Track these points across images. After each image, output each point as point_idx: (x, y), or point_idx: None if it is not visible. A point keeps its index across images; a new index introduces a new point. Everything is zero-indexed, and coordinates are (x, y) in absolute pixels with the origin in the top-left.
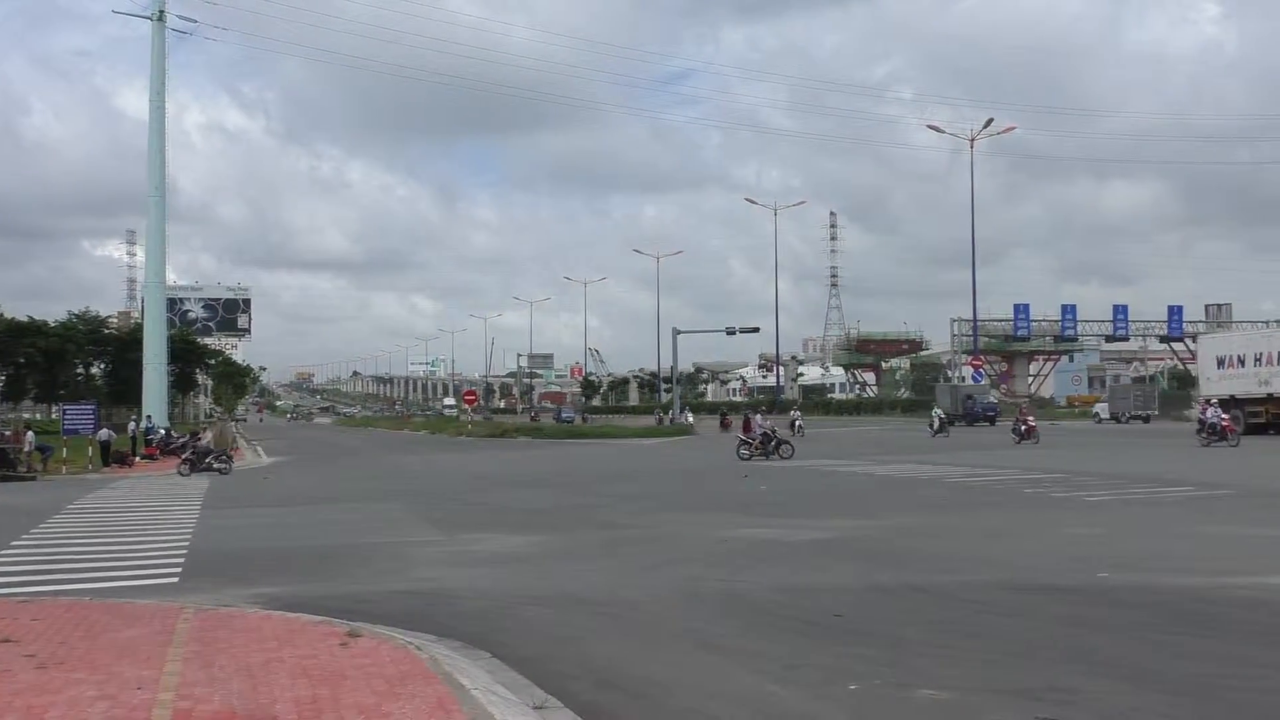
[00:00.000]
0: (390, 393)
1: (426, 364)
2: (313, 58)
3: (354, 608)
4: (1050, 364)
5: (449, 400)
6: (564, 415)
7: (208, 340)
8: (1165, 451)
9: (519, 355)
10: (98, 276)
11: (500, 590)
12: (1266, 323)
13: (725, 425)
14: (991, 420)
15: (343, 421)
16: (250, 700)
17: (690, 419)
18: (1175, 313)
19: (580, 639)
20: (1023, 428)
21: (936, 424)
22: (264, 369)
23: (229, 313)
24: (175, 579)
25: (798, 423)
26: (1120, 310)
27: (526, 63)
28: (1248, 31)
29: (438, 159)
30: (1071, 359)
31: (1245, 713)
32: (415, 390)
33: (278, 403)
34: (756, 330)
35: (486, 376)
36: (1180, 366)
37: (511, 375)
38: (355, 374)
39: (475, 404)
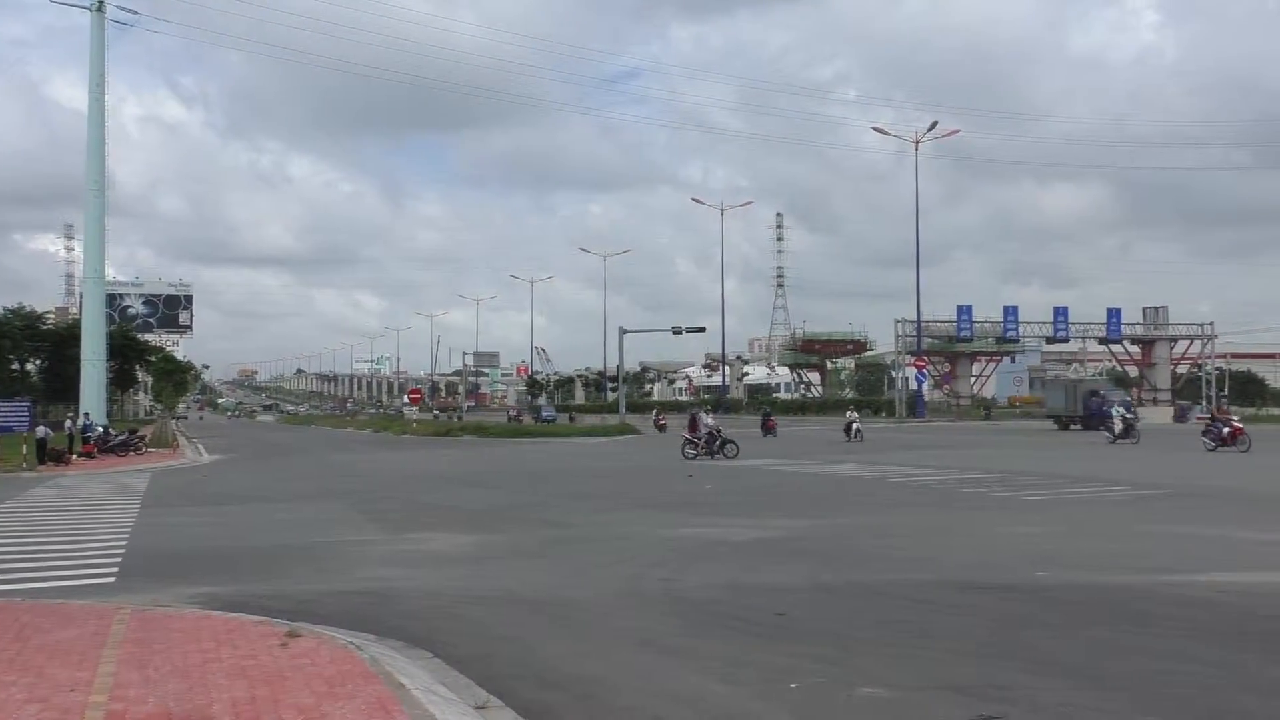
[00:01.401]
0: (335, 390)
1: (372, 362)
2: (255, 51)
3: (295, 608)
4: (993, 365)
5: (406, 400)
6: (545, 414)
7: (148, 337)
8: (1098, 451)
9: (464, 353)
10: (32, 271)
11: (443, 589)
12: None
13: (660, 427)
14: None
15: (286, 419)
16: (186, 701)
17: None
18: (1114, 315)
19: (523, 638)
20: (1225, 430)
21: (1120, 426)
22: (206, 367)
23: (170, 309)
24: (112, 579)
25: (855, 425)
26: (1061, 312)
27: (474, 59)
28: (1185, 38)
29: (383, 155)
30: (1013, 360)
31: (1176, 707)
32: (360, 388)
33: (220, 400)
34: (703, 330)
35: (432, 375)
36: (1119, 368)
37: (457, 374)
38: (300, 371)
39: (451, 405)
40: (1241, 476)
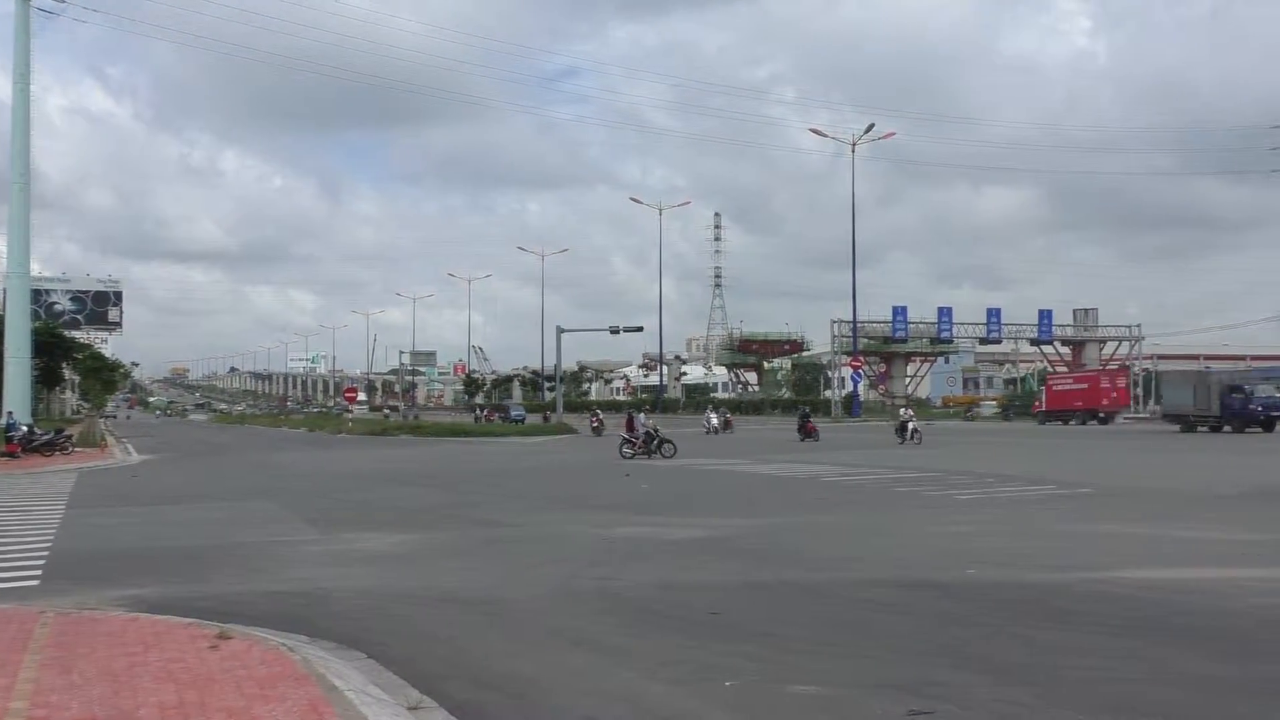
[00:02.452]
0: (270, 389)
1: (307, 360)
2: (185, 43)
3: (225, 609)
4: (927, 365)
5: (360, 396)
6: (514, 414)
7: (75, 334)
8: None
9: (401, 352)
10: None
11: (378, 590)
12: None
13: (596, 429)
14: (1271, 424)
15: (219, 418)
16: (111, 706)
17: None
18: (1045, 317)
19: (458, 638)
20: None
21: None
22: (136, 364)
23: (99, 305)
24: (35, 582)
25: (911, 425)
26: (994, 313)
27: (410, 55)
28: (1116, 43)
29: (317, 150)
30: (947, 360)
31: (1098, 701)
32: (295, 386)
33: (150, 399)
34: (640, 329)
35: (369, 373)
36: (1050, 369)
37: (393, 372)
38: (233, 370)
39: (408, 402)
40: (1157, 473)
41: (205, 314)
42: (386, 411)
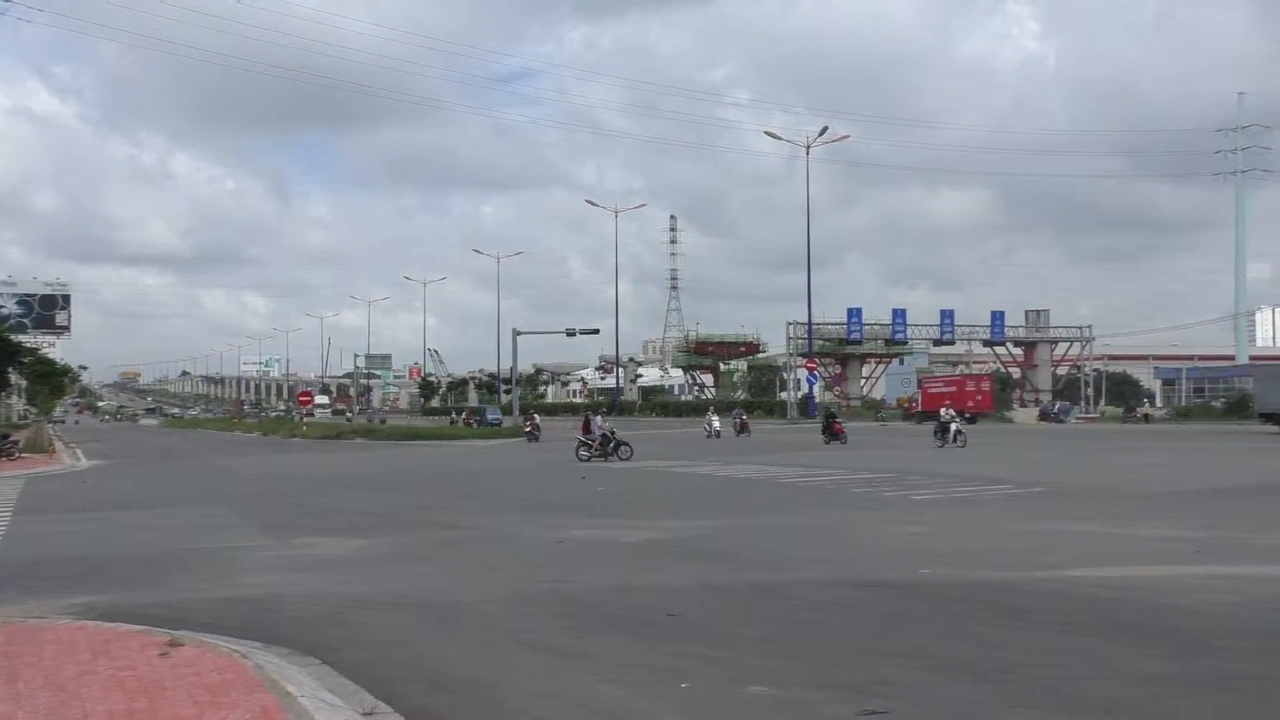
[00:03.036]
0: (223, 393)
1: (260, 363)
2: (134, 43)
3: (177, 616)
4: (882, 366)
5: (321, 399)
6: (490, 417)
7: (22, 338)
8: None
9: (356, 355)
10: None
11: (332, 595)
12: None
13: (529, 434)
14: None
15: (170, 423)
16: (59, 715)
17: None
18: (998, 318)
19: (413, 642)
20: None
21: None
22: (85, 368)
23: (46, 309)
24: None
25: (955, 426)
26: (947, 315)
27: (362, 56)
28: (1065, 47)
29: (269, 152)
30: (902, 362)
31: (1049, 698)
32: (249, 390)
33: (100, 403)
34: (596, 332)
35: (323, 377)
36: (1003, 370)
37: (348, 376)
38: (185, 373)
39: (377, 406)
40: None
41: (156, 318)
42: (350, 415)
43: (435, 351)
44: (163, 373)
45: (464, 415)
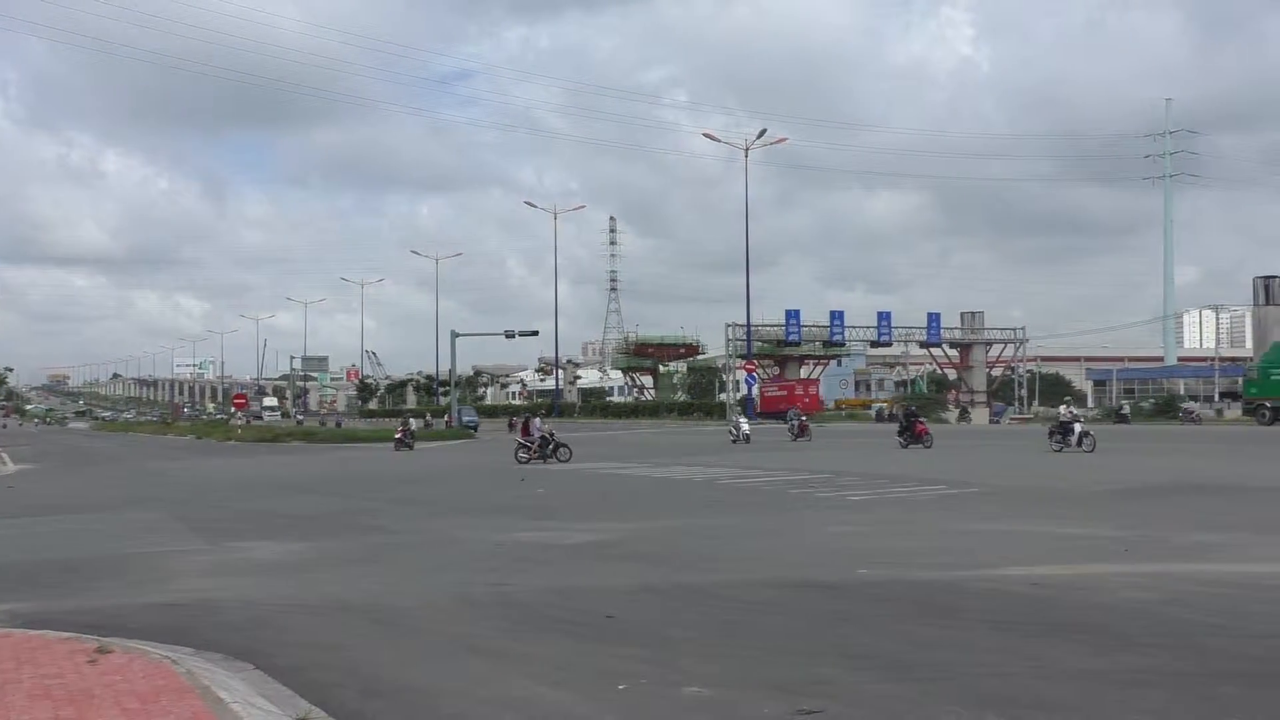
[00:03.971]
0: (155, 395)
1: (194, 366)
2: (60, 40)
3: (107, 622)
4: (820, 368)
5: (269, 400)
6: (466, 420)
7: None
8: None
9: (292, 357)
10: None
11: (267, 599)
12: None
13: (401, 442)
14: None
15: (101, 426)
16: None
17: None
18: (934, 320)
19: (348, 647)
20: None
21: None
22: (10, 370)
23: None
24: None
25: (1079, 427)
26: (884, 316)
27: (295, 55)
28: (999, 52)
29: (203, 152)
30: (840, 363)
31: (981, 696)
32: (182, 393)
33: (28, 407)
34: (536, 333)
35: (259, 379)
36: (939, 371)
37: (285, 378)
38: (116, 376)
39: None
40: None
41: (86, 319)
42: (299, 418)
43: (373, 353)
44: (93, 375)
45: (446, 418)
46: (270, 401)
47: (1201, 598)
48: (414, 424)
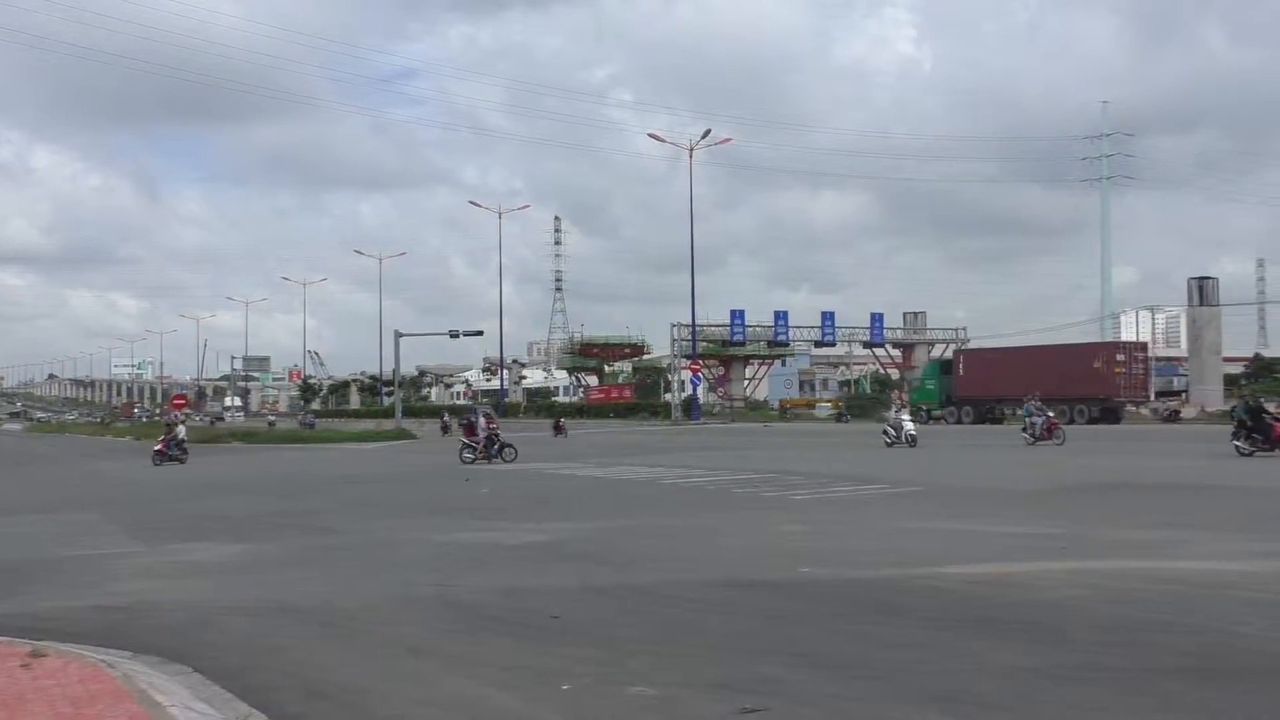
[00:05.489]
0: (92, 396)
1: (132, 366)
2: None
3: (40, 626)
4: (765, 368)
5: (230, 400)
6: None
7: None
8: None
9: (233, 357)
10: None
11: (207, 602)
12: None
13: (164, 455)
14: None
15: (36, 427)
16: None
17: None
18: (877, 320)
19: (290, 649)
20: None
21: None
22: None
23: None
24: None
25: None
26: (828, 317)
27: (232, 51)
28: (942, 52)
29: (138, 148)
30: (784, 363)
31: (922, 692)
32: (121, 394)
33: None
34: (480, 333)
35: (199, 380)
36: (882, 371)
37: (225, 378)
38: (52, 376)
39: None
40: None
41: (19, 319)
42: (272, 419)
43: (315, 353)
44: (28, 376)
45: (443, 423)
46: (235, 401)
47: (1138, 594)
48: (182, 431)
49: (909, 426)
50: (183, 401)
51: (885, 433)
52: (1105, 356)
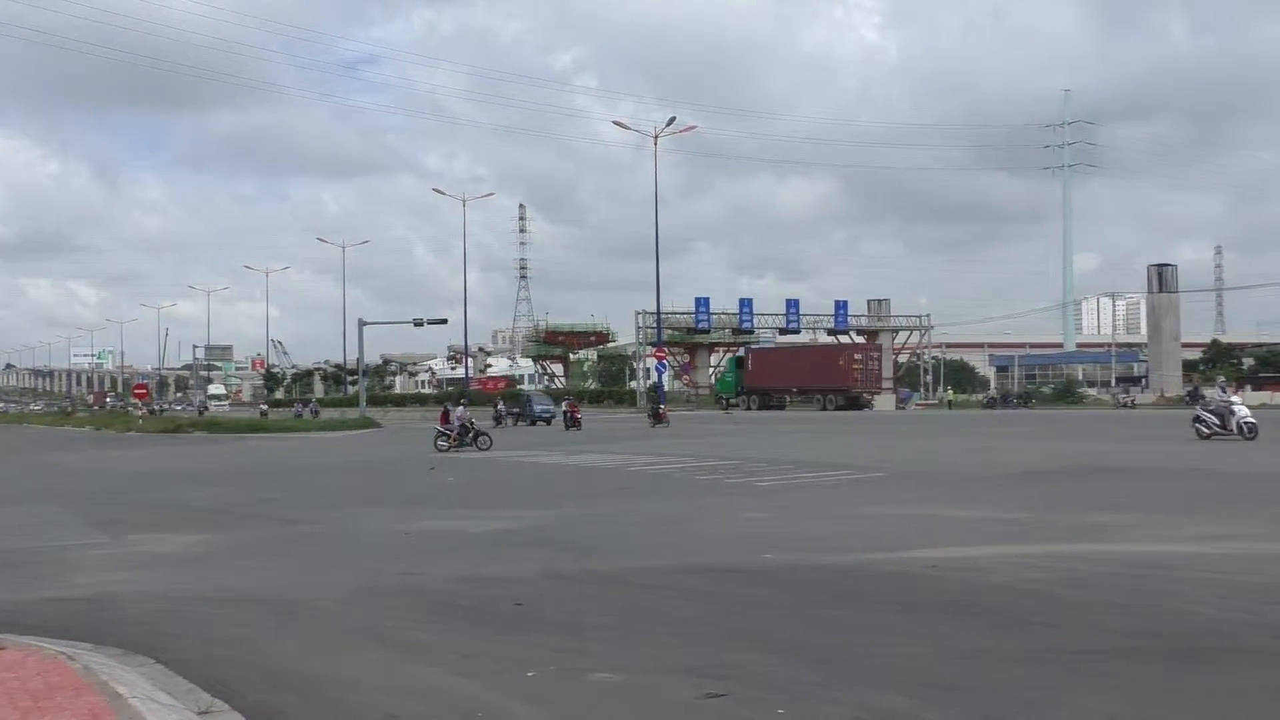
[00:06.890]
0: (51, 386)
1: (92, 356)
2: None
3: (0, 619)
4: (730, 355)
5: (215, 388)
6: (538, 409)
7: None
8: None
9: (195, 346)
10: None
11: (168, 593)
12: None
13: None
14: None
15: None
16: None
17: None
18: (841, 307)
19: (252, 639)
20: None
21: None
22: None
23: None
24: None
25: (1239, 410)
26: (792, 304)
27: (191, 36)
28: (906, 40)
29: (95, 135)
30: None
31: (884, 677)
32: (80, 384)
33: None
34: (445, 322)
35: (160, 369)
36: None
37: (187, 368)
38: (9, 366)
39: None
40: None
41: None
42: (264, 407)
43: (279, 342)
44: None
45: (515, 413)
46: (218, 390)
47: (1095, 577)
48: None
49: (1243, 412)
50: (144, 392)
51: (1201, 422)
52: (847, 356)
